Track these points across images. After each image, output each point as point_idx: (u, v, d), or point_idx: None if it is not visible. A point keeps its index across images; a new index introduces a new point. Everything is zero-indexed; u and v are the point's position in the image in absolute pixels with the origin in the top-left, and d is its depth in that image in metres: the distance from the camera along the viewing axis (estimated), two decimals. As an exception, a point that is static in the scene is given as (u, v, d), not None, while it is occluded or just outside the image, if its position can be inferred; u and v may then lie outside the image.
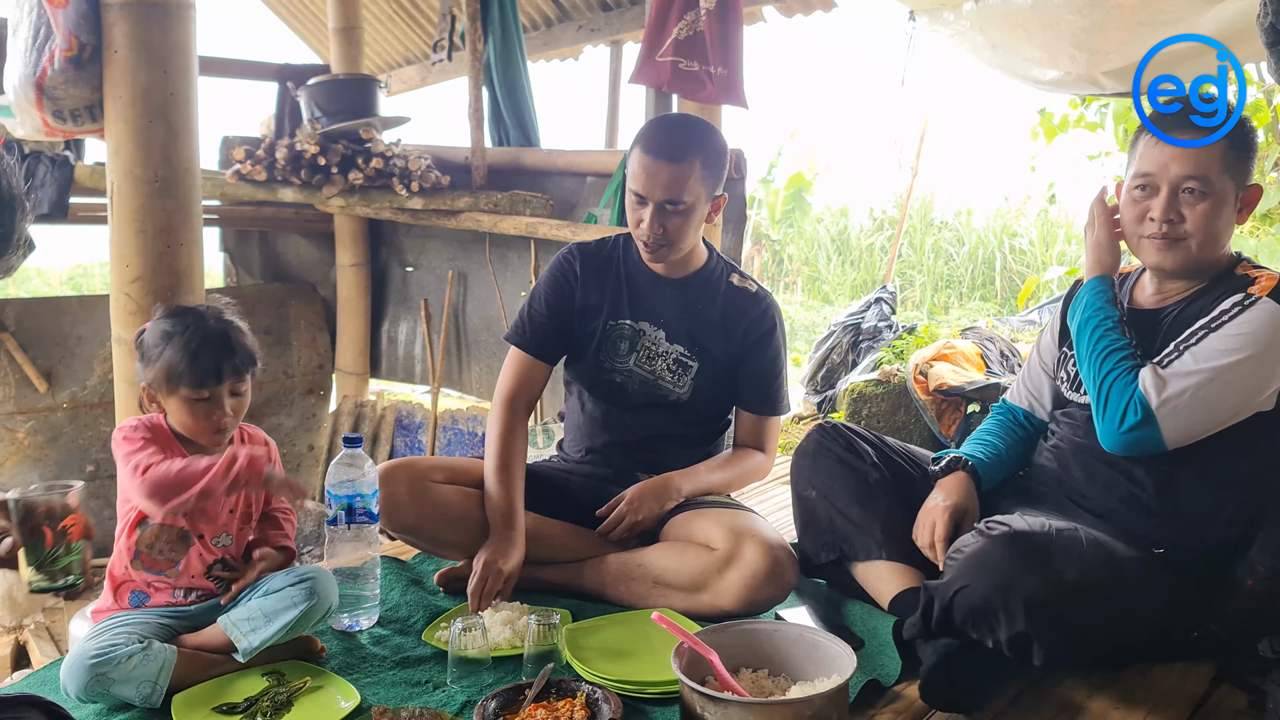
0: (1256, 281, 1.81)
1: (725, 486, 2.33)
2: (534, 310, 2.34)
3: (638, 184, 2.15)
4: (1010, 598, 1.66)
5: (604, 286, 2.32)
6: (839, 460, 2.16)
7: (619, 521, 2.21)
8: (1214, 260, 1.88)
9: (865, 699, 1.77)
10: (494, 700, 1.67)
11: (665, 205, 2.14)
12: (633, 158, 2.17)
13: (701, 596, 2.06)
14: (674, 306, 2.29)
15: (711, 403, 2.35)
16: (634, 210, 2.18)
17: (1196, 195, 1.81)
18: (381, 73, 6.92)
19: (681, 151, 2.13)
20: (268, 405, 5.72)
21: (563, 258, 2.36)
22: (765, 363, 2.31)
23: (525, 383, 2.31)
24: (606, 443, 2.37)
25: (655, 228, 2.15)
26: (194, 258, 3.25)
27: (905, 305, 10.19)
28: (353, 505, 2.01)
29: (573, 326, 2.32)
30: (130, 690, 1.69)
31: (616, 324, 2.30)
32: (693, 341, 2.28)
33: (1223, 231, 1.85)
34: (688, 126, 2.23)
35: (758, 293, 2.33)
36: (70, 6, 3.12)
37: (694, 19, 3.68)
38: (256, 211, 5.74)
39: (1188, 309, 1.88)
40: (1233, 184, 1.82)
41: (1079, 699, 1.78)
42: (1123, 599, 1.75)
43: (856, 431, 2.22)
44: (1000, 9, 3.90)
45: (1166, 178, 1.82)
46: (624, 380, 2.30)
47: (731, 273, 2.34)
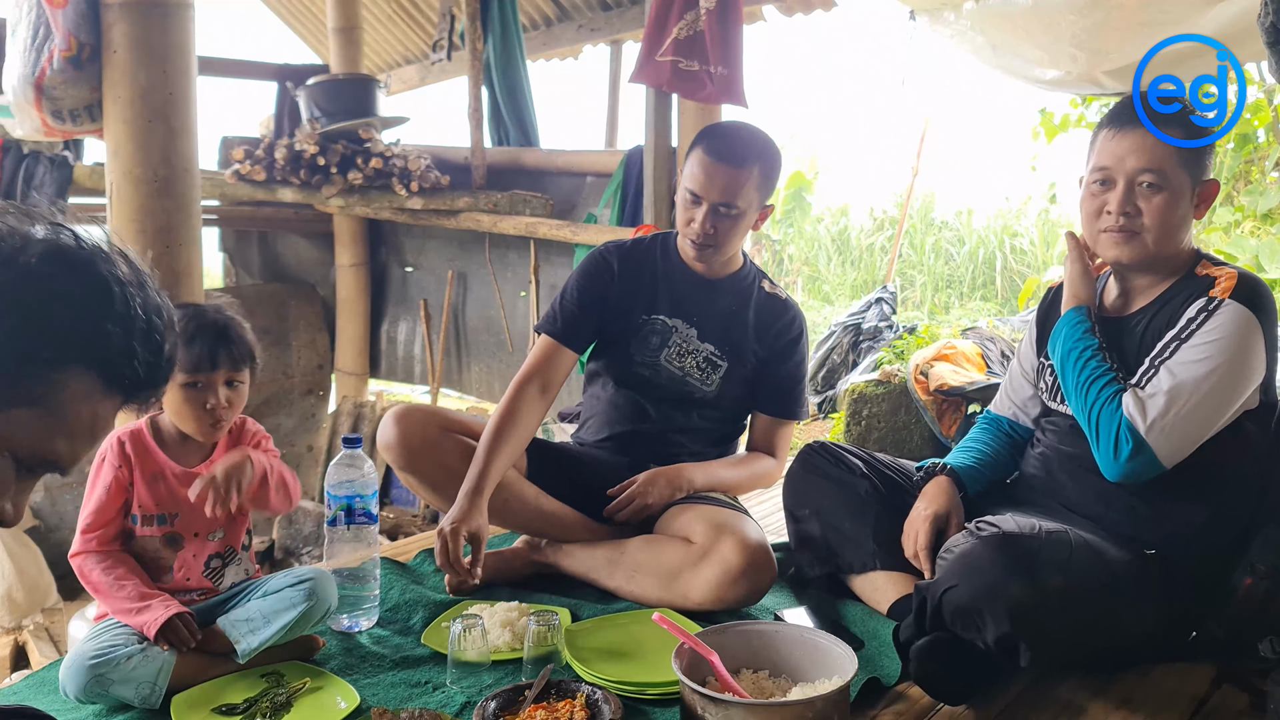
0: (1217, 282, 1.82)
1: (735, 486, 2.35)
2: (565, 301, 2.36)
3: (695, 183, 2.19)
4: (995, 601, 1.67)
5: (640, 282, 2.36)
6: (828, 476, 2.17)
7: (629, 502, 2.23)
8: (1173, 254, 1.88)
9: (866, 699, 1.77)
10: (494, 701, 1.67)
11: (719, 207, 2.19)
12: (692, 158, 2.21)
13: (675, 585, 2.07)
14: (709, 306, 2.34)
15: (735, 403, 2.39)
16: (686, 209, 2.23)
17: (1152, 189, 1.82)
18: (381, 73, 6.92)
19: (742, 157, 2.18)
20: (267, 405, 5.72)
21: (599, 253, 2.40)
22: (789, 368, 2.37)
23: (544, 366, 2.30)
24: (627, 431, 2.39)
25: (706, 227, 2.20)
26: (193, 258, 3.25)
27: (906, 305, 10.18)
28: (352, 506, 2.01)
29: (604, 319, 2.36)
30: (129, 691, 1.68)
31: (650, 319, 2.34)
32: (724, 341, 2.33)
33: (1179, 225, 1.85)
34: (750, 134, 2.27)
35: (787, 300, 2.40)
36: (69, 6, 3.12)
37: (694, 18, 3.68)
38: (256, 212, 5.74)
39: (1157, 317, 1.88)
40: (1188, 178, 1.82)
41: (1080, 699, 1.78)
42: (1114, 603, 1.74)
43: (844, 448, 2.24)
44: (1001, 9, 3.90)
45: (1123, 171, 1.83)
46: (652, 374, 2.34)
47: (764, 279, 2.41)
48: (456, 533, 2.01)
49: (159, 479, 1.85)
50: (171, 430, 1.89)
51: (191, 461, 1.89)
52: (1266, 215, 5.76)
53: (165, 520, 1.85)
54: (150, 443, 1.86)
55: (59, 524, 4.77)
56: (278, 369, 5.75)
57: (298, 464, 5.91)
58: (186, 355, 1.80)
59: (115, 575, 1.78)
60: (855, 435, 4.62)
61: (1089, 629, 1.74)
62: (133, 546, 1.85)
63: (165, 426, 1.89)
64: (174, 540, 1.85)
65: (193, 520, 1.86)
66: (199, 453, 1.91)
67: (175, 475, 1.86)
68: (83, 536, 1.82)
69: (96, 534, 1.81)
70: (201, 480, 1.81)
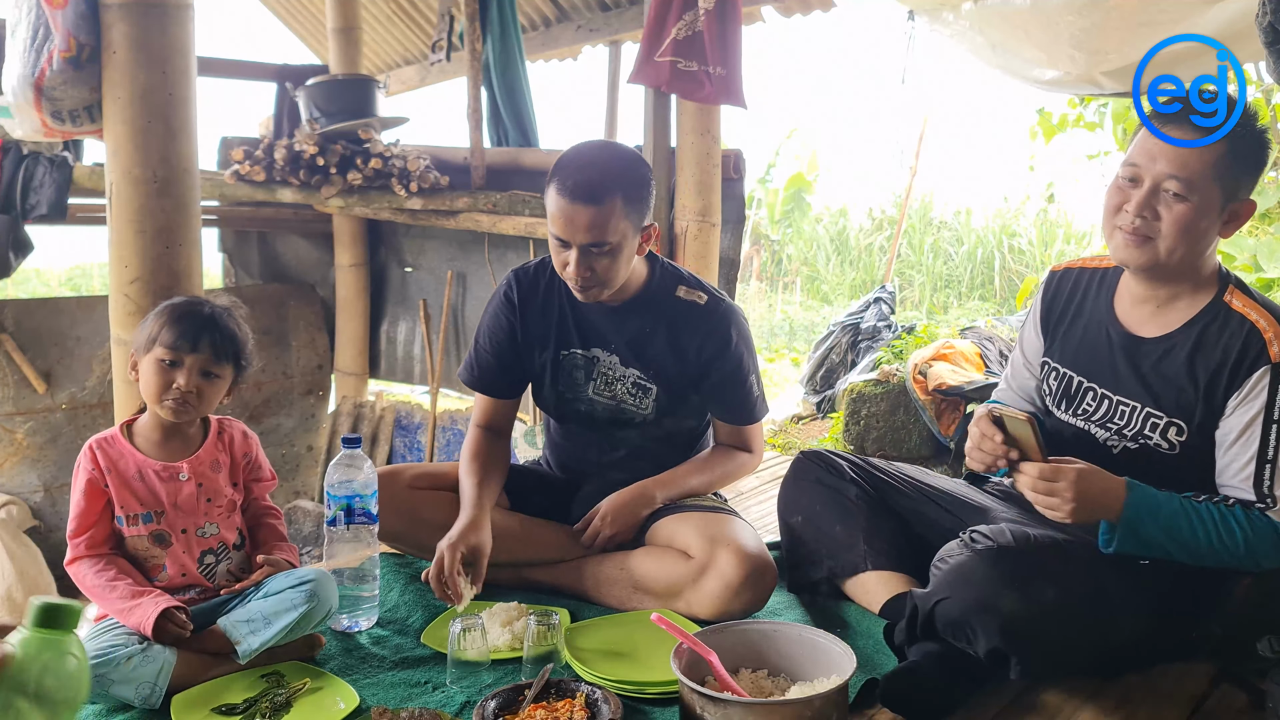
0: (1268, 342, 1.72)
1: (706, 488, 2.29)
2: (479, 351, 2.31)
3: (558, 227, 2.04)
4: (987, 615, 1.67)
5: (547, 317, 2.25)
6: (819, 482, 2.17)
7: (595, 535, 2.20)
8: (1189, 269, 1.79)
9: (865, 699, 1.77)
10: (493, 701, 1.67)
11: (590, 249, 2.03)
12: (549, 197, 2.05)
13: (677, 603, 2.06)
14: (621, 331, 2.22)
15: (679, 419, 2.31)
16: (558, 253, 2.08)
17: (1176, 197, 1.73)
18: (380, 73, 6.92)
19: (600, 192, 1.99)
20: (267, 405, 5.72)
21: (501, 291, 2.30)
22: (726, 375, 2.22)
23: (492, 417, 2.33)
24: (581, 461, 2.37)
25: (583, 271, 2.05)
26: (193, 258, 3.25)
27: (904, 305, 10.18)
28: (351, 506, 2.01)
29: (518, 360, 2.28)
30: (130, 691, 1.69)
31: (569, 354, 2.25)
32: (646, 364, 2.21)
33: (1199, 240, 1.76)
34: (604, 162, 2.07)
35: (707, 304, 2.21)
36: (69, 7, 3.12)
37: (693, 19, 3.68)
38: (255, 212, 5.74)
39: (1193, 354, 1.79)
40: (1220, 192, 1.73)
41: (1079, 699, 1.79)
42: (1108, 612, 1.73)
43: (835, 453, 2.23)
44: (999, 9, 3.90)
45: (1151, 172, 1.75)
46: (588, 408, 2.27)
47: (678, 285, 2.23)
48: (454, 549, 2.00)
49: (139, 478, 1.85)
50: (150, 429, 1.89)
51: (173, 457, 1.89)
52: (1265, 215, 5.76)
53: (151, 518, 1.85)
54: (124, 444, 1.87)
55: (59, 524, 4.78)
56: (277, 369, 5.75)
57: (297, 464, 5.91)
58: (167, 330, 1.83)
59: (107, 577, 1.79)
60: (854, 435, 4.63)
61: (1083, 639, 1.74)
62: (124, 549, 1.85)
63: (140, 428, 1.90)
64: (162, 538, 1.85)
65: (178, 517, 1.86)
66: (183, 449, 1.90)
67: (156, 472, 1.86)
68: (71, 544, 1.83)
69: (83, 539, 1.82)
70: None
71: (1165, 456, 1.83)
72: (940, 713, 1.73)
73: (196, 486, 1.88)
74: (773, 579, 2.06)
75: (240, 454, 1.98)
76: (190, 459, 1.89)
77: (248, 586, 1.87)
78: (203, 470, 1.90)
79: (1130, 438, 1.86)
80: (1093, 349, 1.93)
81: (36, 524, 4.80)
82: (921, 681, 1.73)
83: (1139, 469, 1.82)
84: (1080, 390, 1.94)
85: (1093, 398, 1.91)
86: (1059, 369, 1.99)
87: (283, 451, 5.80)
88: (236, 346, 1.90)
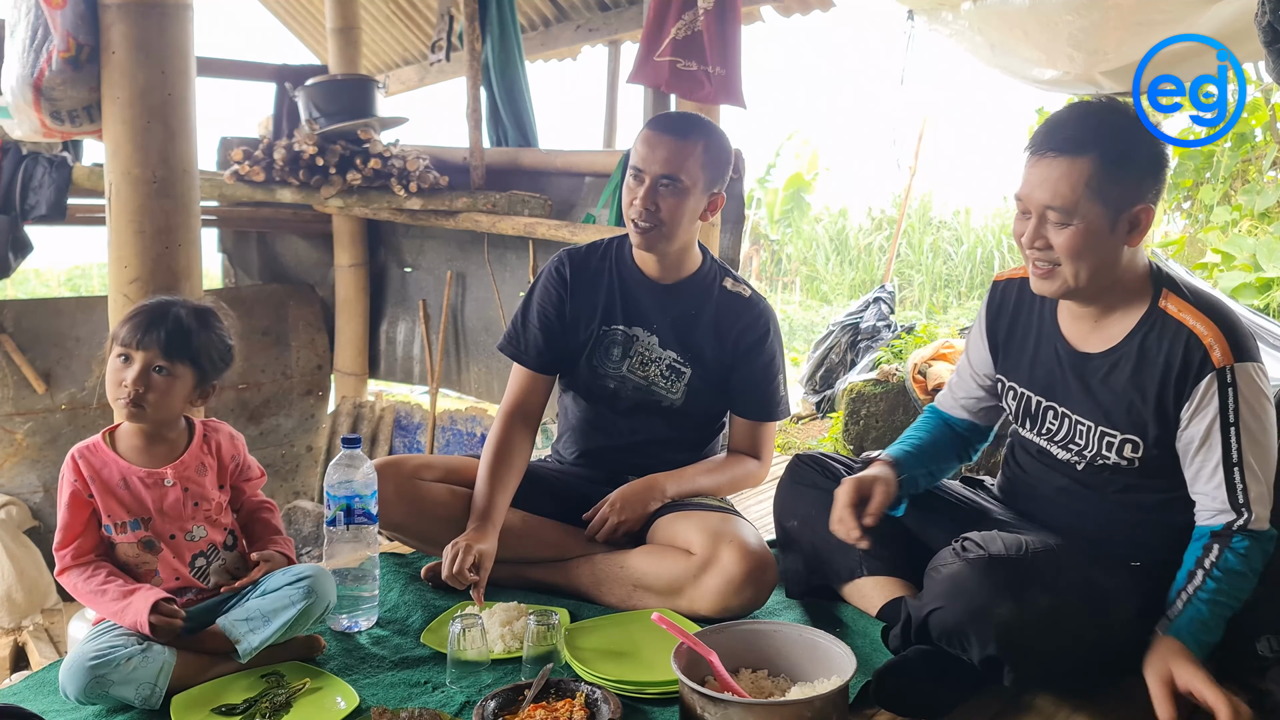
0: (1209, 349, 1.71)
1: (714, 491, 2.31)
2: (526, 322, 2.33)
3: (638, 159, 2.15)
4: (981, 624, 1.67)
5: (595, 292, 2.30)
6: (815, 486, 2.16)
7: (604, 523, 2.21)
8: (1110, 284, 1.77)
9: (864, 699, 1.77)
10: (493, 700, 1.67)
11: (662, 180, 2.12)
12: (637, 139, 2.18)
13: (679, 601, 2.06)
14: (666, 312, 2.27)
15: (706, 408, 2.35)
16: (630, 190, 2.16)
17: (1058, 225, 1.70)
18: (379, 73, 6.92)
19: (685, 130, 2.14)
20: (266, 406, 5.72)
21: (552, 265, 2.35)
22: (758, 369, 2.29)
23: (526, 396, 2.32)
24: (599, 446, 2.37)
25: (649, 203, 2.12)
26: (192, 258, 3.25)
27: (904, 305, 10.18)
28: (351, 506, 2.01)
29: (564, 334, 2.31)
30: (129, 692, 1.69)
31: (609, 329, 2.29)
32: (685, 347, 2.27)
33: (1102, 258, 1.73)
34: (696, 117, 2.24)
35: (751, 298, 2.30)
36: (68, 7, 3.12)
37: (692, 19, 3.68)
38: (255, 212, 5.74)
39: (1136, 368, 1.78)
40: (1104, 208, 1.68)
41: (1078, 699, 1.79)
42: (1102, 618, 1.73)
43: (831, 456, 2.23)
44: (998, 9, 3.91)
45: (1033, 202, 1.73)
46: (617, 386, 2.30)
47: (725, 277, 2.32)
48: (469, 548, 2.01)
49: (124, 485, 1.84)
50: (132, 435, 1.88)
51: (157, 463, 1.87)
52: (1264, 214, 5.76)
53: (139, 525, 1.83)
54: (107, 453, 1.85)
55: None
56: (277, 369, 5.75)
57: (297, 464, 5.91)
58: (123, 329, 1.84)
59: (97, 582, 1.78)
60: (853, 435, 4.63)
61: (1078, 645, 1.73)
62: (114, 557, 1.84)
63: (123, 434, 1.89)
64: (151, 545, 1.84)
65: (165, 523, 1.85)
66: (167, 454, 1.89)
67: (140, 478, 1.84)
68: (58, 555, 1.83)
69: (70, 549, 1.81)
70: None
71: (1126, 470, 1.84)
72: (932, 709, 1.73)
73: (183, 491, 1.87)
74: (774, 576, 2.07)
75: (228, 457, 1.97)
76: (175, 464, 1.88)
77: (245, 585, 1.87)
78: (188, 475, 1.88)
79: (1089, 459, 1.87)
80: (1047, 367, 1.92)
81: (36, 524, 4.80)
82: (913, 677, 1.73)
83: (1103, 482, 1.86)
84: (1040, 410, 1.94)
85: (1053, 417, 1.91)
86: (1015, 388, 1.98)
87: (282, 452, 5.81)
88: (192, 345, 1.85)
